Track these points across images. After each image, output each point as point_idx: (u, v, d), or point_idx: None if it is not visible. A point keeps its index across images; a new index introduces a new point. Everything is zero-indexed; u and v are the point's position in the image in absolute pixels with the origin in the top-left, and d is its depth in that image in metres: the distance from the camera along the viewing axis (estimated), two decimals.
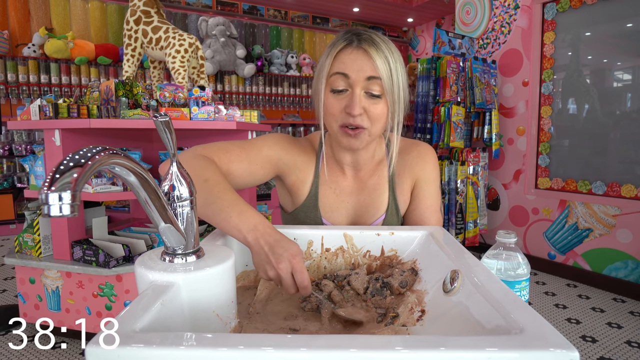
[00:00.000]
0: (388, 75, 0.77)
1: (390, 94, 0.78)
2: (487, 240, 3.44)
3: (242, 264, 0.76)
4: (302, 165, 0.91)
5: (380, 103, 0.79)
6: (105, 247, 1.84)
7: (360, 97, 0.77)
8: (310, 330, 0.59)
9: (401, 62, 0.80)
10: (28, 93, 3.81)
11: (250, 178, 0.87)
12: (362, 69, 0.76)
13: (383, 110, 0.79)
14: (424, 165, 0.94)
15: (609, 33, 2.73)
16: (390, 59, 0.77)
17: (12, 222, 3.93)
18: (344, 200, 0.92)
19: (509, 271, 0.65)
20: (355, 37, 0.78)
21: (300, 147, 0.93)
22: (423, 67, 3.17)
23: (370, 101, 0.78)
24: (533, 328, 0.38)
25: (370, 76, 0.76)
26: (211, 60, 4.42)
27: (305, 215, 0.92)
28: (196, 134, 2.42)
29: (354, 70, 0.76)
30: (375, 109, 0.78)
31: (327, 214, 0.91)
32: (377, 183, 0.92)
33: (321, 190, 0.91)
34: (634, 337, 2.09)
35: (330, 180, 0.92)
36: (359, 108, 0.77)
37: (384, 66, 0.76)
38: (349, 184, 0.93)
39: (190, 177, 0.55)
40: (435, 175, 0.96)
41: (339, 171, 0.93)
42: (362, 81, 0.77)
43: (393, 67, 0.77)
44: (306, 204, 0.91)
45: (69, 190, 0.35)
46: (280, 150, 0.89)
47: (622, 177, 2.67)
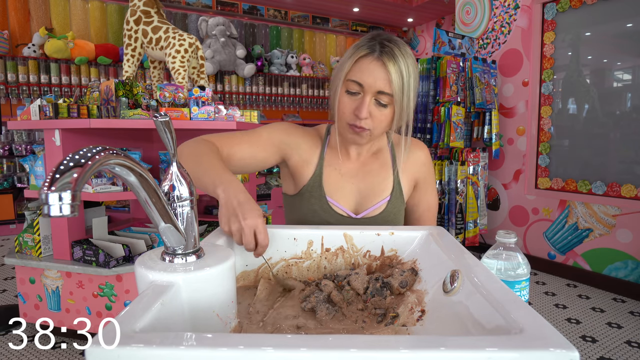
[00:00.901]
0: (399, 88, 0.83)
1: (398, 104, 0.84)
2: (487, 240, 3.44)
3: (242, 264, 0.76)
4: (306, 146, 0.97)
5: (386, 110, 0.86)
6: (105, 247, 1.84)
7: (369, 104, 0.84)
8: (310, 330, 0.59)
9: (415, 75, 0.86)
10: (28, 93, 3.81)
11: (253, 161, 0.92)
12: (375, 82, 0.83)
13: (388, 116, 0.86)
14: (425, 167, 1.01)
15: (609, 33, 2.73)
16: (405, 72, 0.83)
17: (12, 222, 3.93)
18: (348, 180, 0.97)
19: (509, 271, 0.65)
20: (379, 47, 0.83)
21: (305, 132, 0.99)
22: (423, 67, 3.17)
23: (377, 108, 0.85)
24: (533, 328, 0.38)
25: (381, 91, 0.83)
26: (211, 60, 4.42)
27: (310, 194, 0.95)
28: (196, 134, 2.41)
29: (368, 82, 0.83)
30: (380, 115, 0.86)
31: (331, 192, 0.95)
32: (381, 167, 0.98)
33: (326, 171, 0.96)
34: (634, 337, 2.09)
35: (335, 162, 0.97)
36: (366, 113, 0.84)
37: (397, 81, 0.82)
38: (353, 167, 0.98)
39: (190, 177, 0.55)
40: (434, 176, 1.04)
41: (344, 155, 0.98)
42: (373, 92, 0.84)
43: (406, 82, 0.83)
44: (311, 183, 0.95)
45: (69, 190, 0.35)
46: (282, 132, 0.95)
47: (622, 177, 2.67)
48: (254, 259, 0.77)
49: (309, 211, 0.94)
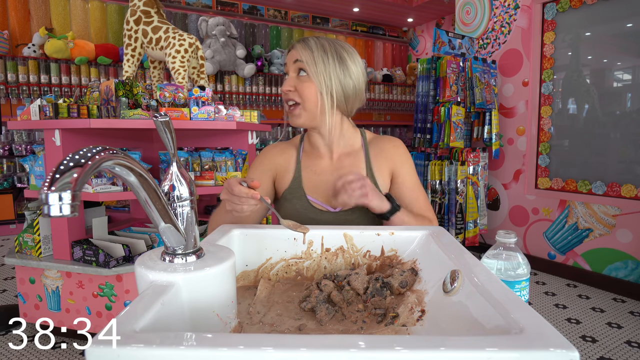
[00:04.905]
0: (311, 59, 0.95)
1: (315, 75, 0.95)
2: (487, 240, 3.44)
3: (242, 264, 0.76)
4: (283, 161, 1.08)
5: (307, 81, 0.96)
6: (105, 247, 1.84)
7: (292, 78, 0.98)
8: (310, 330, 0.59)
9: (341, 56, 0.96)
10: (28, 93, 3.81)
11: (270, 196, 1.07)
12: (291, 58, 0.98)
13: (310, 88, 0.96)
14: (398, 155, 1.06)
15: (609, 33, 2.73)
16: (318, 49, 0.95)
17: (12, 222, 3.93)
18: (324, 178, 1.04)
19: (509, 271, 0.65)
20: (296, 41, 0.99)
21: (279, 149, 1.10)
22: (423, 67, 3.17)
23: (299, 80, 0.97)
24: (533, 328, 0.38)
25: (296, 59, 0.96)
26: (211, 60, 4.42)
27: (292, 195, 1.04)
28: (196, 134, 2.42)
29: (289, 61, 0.98)
30: (302, 86, 0.96)
31: (310, 190, 1.04)
32: (354, 164, 1.05)
33: (304, 173, 1.06)
34: (634, 337, 2.09)
35: (311, 164, 1.06)
36: (288, 85, 0.97)
37: (307, 52, 0.95)
38: (327, 164, 1.06)
39: (190, 177, 0.55)
40: (411, 164, 1.08)
41: (316, 155, 1.07)
42: (291, 64, 0.98)
43: (318, 55, 0.95)
44: (292, 185, 1.05)
45: (69, 190, 0.35)
46: (263, 166, 1.08)
47: (622, 177, 2.66)
48: (254, 259, 0.77)
49: (292, 210, 1.03)
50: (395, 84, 5.67)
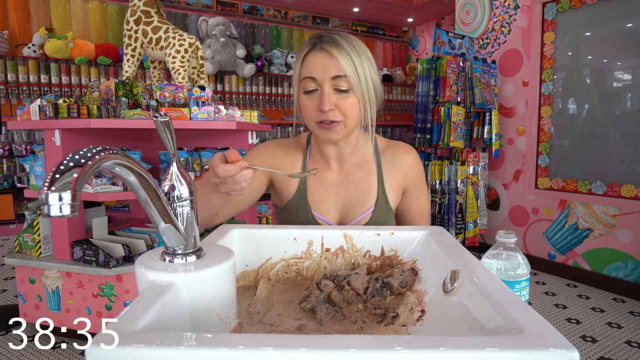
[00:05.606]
0: (353, 71, 0.82)
1: (358, 87, 0.83)
2: (487, 240, 3.44)
3: (242, 264, 0.76)
4: (287, 164, 0.97)
5: (350, 97, 0.84)
6: (105, 247, 1.84)
7: (329, 94, 0.83)
8: (310, 330, 0.59)
9: (367, 56, 0.85)
10: (28, 93, 3.81)
11: (252, 192, 0.94)
12: (327, 70, 0.82)
13: (354, 103, 0.84)
14: (414, 172, 0.99)
15: (609, 33, 2.73)
16: (354, 54, 0.82)
17: (12, 222, 3.93)
18: (332, 192, 0.96)
19: (509, 271, 0.65)
20: (318, 40, 0.84)
21: (284, 148, 0.99)
22: (423, 67, 3.17)
23: (340, 96, 0.83)
24: (533, 328, 0.38)
25: (335, 75, 0.82)
26: (211, 60, 4.42)
27: (296, 208, 0.96)
28: (196, 134, 2.42)
29: (320, 72, 0.82)
30: (345, 103, 0.84)
31: (316, 206, 0.95)
32: (365, 177, 0.96)
33: (309, 185, 0.96)
34: (634, 337, 2.09)
35: (318, 175, 0.96)
36: (328, 104, 0.82)
37: (347, 63, 0.82)
38: (335, 177, 0.96)
39: (190, 177, 0.55)
40: (424, 178, 1.02)
41: (325, 165, 0.97)
42: (328, 80, 0.82)
43: (358, 63, 0.83)
44: (296, 197, 0.96)
45: (69, 190, 0.35)
46: (263, 158, 0.96)
47: (622, 177, 2.66)
48: (254, 259, 0.77)
49: (296, 223, 0.96)
50: (395, 84, 5.67)
